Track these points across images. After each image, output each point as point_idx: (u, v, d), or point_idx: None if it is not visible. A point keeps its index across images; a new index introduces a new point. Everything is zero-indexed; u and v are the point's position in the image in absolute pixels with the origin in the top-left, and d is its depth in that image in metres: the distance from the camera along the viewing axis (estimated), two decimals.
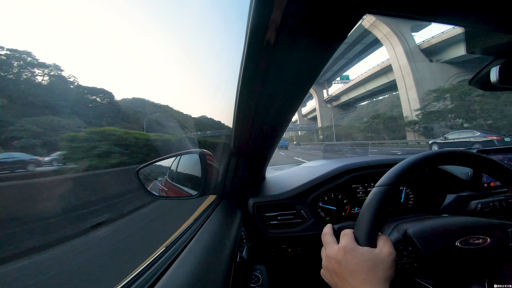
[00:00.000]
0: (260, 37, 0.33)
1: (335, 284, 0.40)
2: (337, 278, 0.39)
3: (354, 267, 0.37)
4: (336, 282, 0.40)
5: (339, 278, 0.38)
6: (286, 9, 0.29)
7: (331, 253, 0.41)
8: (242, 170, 0.92)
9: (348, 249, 0.39)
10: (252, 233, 0.89)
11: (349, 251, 0.39)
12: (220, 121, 13.80)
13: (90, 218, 2.96)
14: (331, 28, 0.32)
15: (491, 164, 0.46)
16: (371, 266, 0.36)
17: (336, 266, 0.39)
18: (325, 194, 0.93)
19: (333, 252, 0.41)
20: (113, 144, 5.52)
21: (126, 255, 2.07)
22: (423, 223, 0.54)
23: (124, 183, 4.49)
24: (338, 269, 0.38)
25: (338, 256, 0.39)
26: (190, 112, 32.69)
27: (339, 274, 0.38)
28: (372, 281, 0.35)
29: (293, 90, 0.50)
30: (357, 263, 0.37)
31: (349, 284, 0.36)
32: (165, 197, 0.94)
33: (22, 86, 11.14)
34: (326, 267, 0.42)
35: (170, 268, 0.42)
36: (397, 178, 0.44)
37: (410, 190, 0.97)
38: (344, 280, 0.37)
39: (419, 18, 0.35)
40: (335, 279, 0.39)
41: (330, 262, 0.41)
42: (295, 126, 62.37)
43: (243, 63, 0.41)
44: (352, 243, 0.40)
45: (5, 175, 6.75)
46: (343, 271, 0.38)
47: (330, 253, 0.41)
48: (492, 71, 0.47)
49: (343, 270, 0.38)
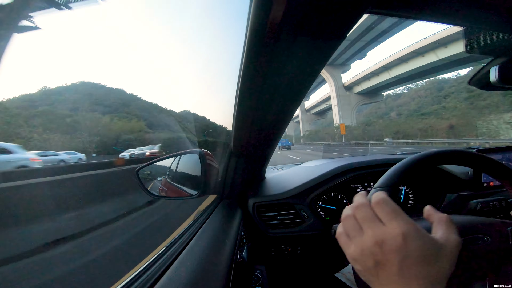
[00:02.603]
0: (260, 36, 0.33)
1: (377, 279, 0.29)
2: (383, 271, 0.28)
3: (416, 260, 0.27)
4: (380, 275, 0.28)
5: (387, 271, 0.27)
6: (286, 9, 0.29)
7: (381, 236, 0.28)
8: (242, 170, 0.92)
9: (411, 234, 0.28)
10: (252, 233, 0.89)
11: (412, 237, 0.28)
12: (220, 120, 13.87)
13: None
14: (331, 27, 0.32)
15: (491, 164, 0.46)
16: (434, 259, 0.27)
17: (389, 256, 0.27)
18: (325, 194, 0.93)
19: (385, 236, 0.28)
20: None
21: (126, 255, 2.07)
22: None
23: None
24: (391, 259, 0.27)
25: (393, 243, 0.27)
26: (190, 111, 32.64)
27: (387, 267, 0.27)
28: (435, 278, 0.26)
29: (293, 90, 0.50)
30: (421, 254, 0.27)
31: (402, 280, 0.26)
32: (165, 197, 0.94)
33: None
34: (366, 255, 0.29)
35: (170, 268, 0.42)
36: (396, 180, 0.44)
37: (410, 189, 0.97)
38: (393, 275, 0.27)
39: (419, 18, 0.35)
40: (380, 272, 0.28)
41: (377, 249, 0.28)
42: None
43: (243, 62, 0.41)
44: (413, 225, 0.29)
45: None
46: (398, 262, 0.27)
47: (380, 237, 0.29)
48: (492, 71, 0.47)
49: (397, 262, 0.27)
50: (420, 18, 0.35)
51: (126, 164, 6.52)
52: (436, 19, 0.37)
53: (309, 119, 65.51)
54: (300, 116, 64.21)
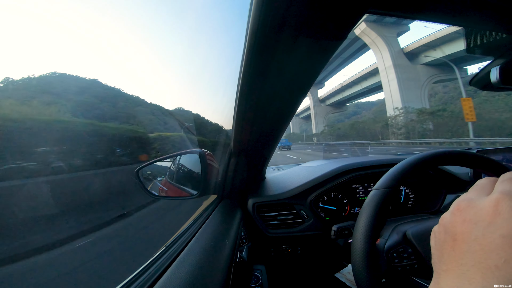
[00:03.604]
0: (260, 37, 0.33)
1: (470, 256, 0.20)
2: (478, 246, 0.19)
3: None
4: (476, 251, 0.19)
5: (484, 247, 0.19)
6: (286, 10, 0.29)
7: (487, 206, 0.21)
8: (242, 170, 0.92)
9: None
10: (252, 233, 0.89)
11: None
12: (220, 121, 13.78)
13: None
14: (331, 28, 0.32)
15: (491, 164, 0.46)
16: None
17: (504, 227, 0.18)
18: (325, 194, 0.93)
19: (490, 206, 0.20)
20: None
21: (125, 256, 2.07)
22: (423, 224, 0.54)
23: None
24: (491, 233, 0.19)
25: (498, 218, 0.19)
26: (191, 111, 32.37)
27: (484, 243, 0.19)
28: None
29: (293, 90, 0.50)
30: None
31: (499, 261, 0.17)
32: (165, 197, 0.94)
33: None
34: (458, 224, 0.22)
35: (170, 268, 0.42)
36: (396, 181, 0.44)
37: (410, 190, 0.97)
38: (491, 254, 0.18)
39: (419, 18, 0.35)
40: (476, 246, 0.19)
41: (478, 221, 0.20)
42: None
43: (243, 63, 0.41)
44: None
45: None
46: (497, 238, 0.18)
47: (482, 205, 0.21)
48: (492, 72, 0.47)
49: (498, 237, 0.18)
50: (420, 18, 0.35)
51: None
52: (436, 19, 0.37)
53: (324, 112, 51.82)
54: (312, 108, 52.31)
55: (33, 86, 6.75)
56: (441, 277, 0.22)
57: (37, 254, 2.00)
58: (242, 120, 0.62)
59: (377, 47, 28.27)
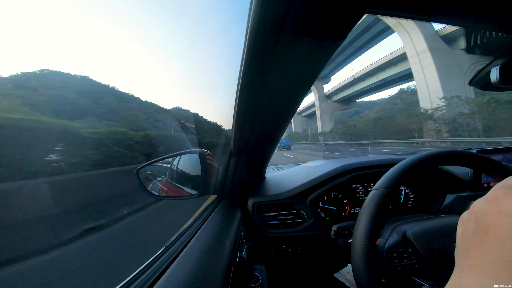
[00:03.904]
0: (260, 37, 0.33)
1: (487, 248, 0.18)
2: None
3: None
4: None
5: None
6: (286, 9, 0.29)
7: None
8: (242, 170, 0.92)
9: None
10: (252, 233, 0.89)
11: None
12: (220, 120, 13.69)
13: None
14: (331, 28, 0.32)
15: (491, 164, 0.46)
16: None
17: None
18: (325, 194, 0.93)
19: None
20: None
21: (125, 256, 2.07)
22: (422, 224, 0.54)
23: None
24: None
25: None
26: (191, 111, 32.27)
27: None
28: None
29: (293, 90, 0.50)
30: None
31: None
32: (165, 197, 0.94)
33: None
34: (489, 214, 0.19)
35: (169, 268, 0.42)
36: (396, 181, 0.44)
37: (410, 190, 0.97)
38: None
39: (419, 18, 0.34)
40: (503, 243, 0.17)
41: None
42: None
43: (243, 63, 0.41)
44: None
45: None
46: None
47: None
48: (492, 71, 0.47)
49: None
50: (420, 18, 0.35)
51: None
52: (436, 19, 0.37)
53: (330, 108, 47.44)
54: (317, 104, 47.34)
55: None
56: (464, 272, 0.19)
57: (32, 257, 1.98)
58: (242, 120, 0.62)
59: (405, 30, 24.16)
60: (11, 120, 3.39)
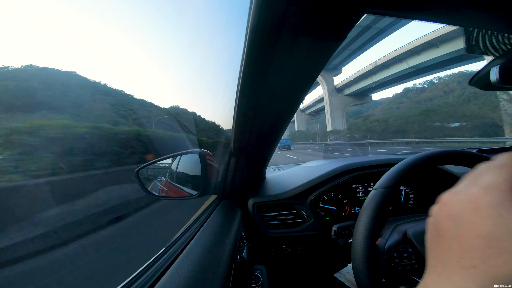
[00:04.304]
0: (260, 36, 0.33)
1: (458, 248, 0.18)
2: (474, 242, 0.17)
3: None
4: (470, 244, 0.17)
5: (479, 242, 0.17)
6: (286, 9, 0.29)
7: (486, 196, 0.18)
8: (242, 170, 0.92)
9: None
10: (252, 233, 0.89)
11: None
12: (220, 120, 13.49)
13: None
14: (331, 27, 0.32)
15: None
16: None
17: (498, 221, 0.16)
18: (325, 194, 0.93)
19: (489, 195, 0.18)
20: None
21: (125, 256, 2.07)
22: (423, 224, 0.54)
23: None
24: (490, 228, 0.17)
25: (493, 211, 0.17)
26: (190, 111, 31.61)
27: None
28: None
29: (293, 90, 0.50)
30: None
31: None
32: (165, 197, 0.94)
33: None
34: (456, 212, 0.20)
35: (170, 268, 0.42)
36: (396, 180, 0.44)
37: (410, 190, 0.97)
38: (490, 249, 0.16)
39: (419, 18, 0.35)
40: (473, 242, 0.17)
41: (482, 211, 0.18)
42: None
43: (243, 63, 0.41)
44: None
45: None
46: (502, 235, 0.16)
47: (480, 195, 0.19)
48: (492, 71, 0.47)
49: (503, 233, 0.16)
50: (420, 18, 0.35)
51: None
52: (436, 19, 0.37)
53: (342, 103, 41.02)
54: (327, 99, 40.86)
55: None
56: (427, 273, 0.21)
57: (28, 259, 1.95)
58: (242, 119, 0.62)
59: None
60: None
